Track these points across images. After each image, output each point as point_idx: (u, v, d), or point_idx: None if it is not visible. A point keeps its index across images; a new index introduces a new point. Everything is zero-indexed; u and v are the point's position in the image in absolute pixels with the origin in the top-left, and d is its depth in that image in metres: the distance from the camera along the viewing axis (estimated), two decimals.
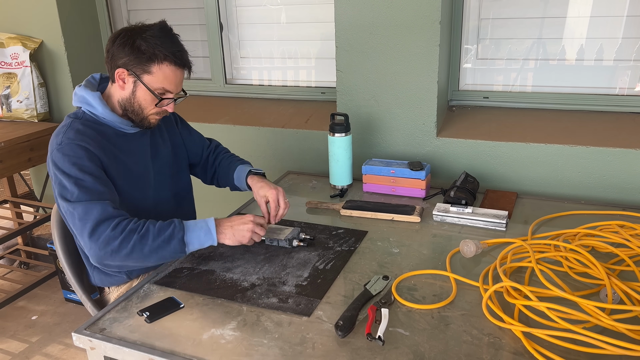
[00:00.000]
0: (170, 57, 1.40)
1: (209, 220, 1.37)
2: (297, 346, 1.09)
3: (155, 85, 1.42)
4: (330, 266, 1.39)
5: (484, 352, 1.05)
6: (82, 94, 1.46)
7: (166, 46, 1.39)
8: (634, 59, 1.92)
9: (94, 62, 2.79)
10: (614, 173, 1.80)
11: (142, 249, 1.29)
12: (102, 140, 1.43)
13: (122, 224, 1.30)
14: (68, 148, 1.36)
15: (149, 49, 1.38)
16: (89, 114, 1.46)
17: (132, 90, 1.43)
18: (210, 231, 1.36)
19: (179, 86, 1.48)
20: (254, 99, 2.57)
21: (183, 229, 1.34)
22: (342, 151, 1.88)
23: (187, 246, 1.33)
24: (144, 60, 1.39)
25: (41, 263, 3.02)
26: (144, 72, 1.40)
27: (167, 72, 1.41)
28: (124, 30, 1.42)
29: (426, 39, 1.87)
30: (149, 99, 1.44)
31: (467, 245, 1.40)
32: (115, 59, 1.41)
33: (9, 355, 2.36)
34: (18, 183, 3.22)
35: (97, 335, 1.15)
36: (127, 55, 1.39)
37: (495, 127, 2.00)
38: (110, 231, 1.29)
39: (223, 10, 2.52)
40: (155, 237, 1.31)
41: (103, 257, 1.30)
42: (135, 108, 1.45)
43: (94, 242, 1.29)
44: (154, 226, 1.32)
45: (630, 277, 1.28)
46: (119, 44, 1.40)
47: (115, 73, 1.42)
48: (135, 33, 1.39)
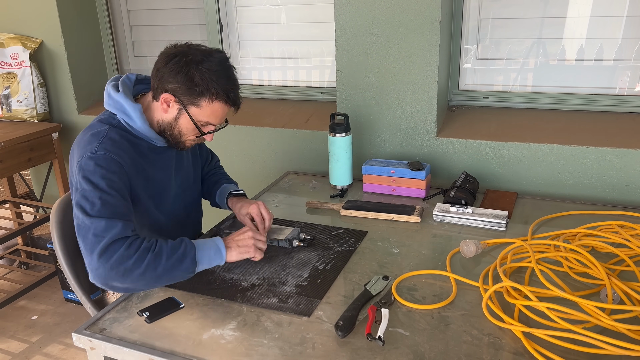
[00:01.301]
0: (222, 95, 1.35)
1: (217, 239, 1.35)
2: (297, 346, 1.09)
3: (201, 118, 1.38)
4: (330, 266, 1.39)
5: (484, 352, 1.05)
6: (120, 101, 1.38)
7: (221, 83, 1.34)
8: (634, 59, 1.92)
9: (94, 62, 2.80)
10: (614, 173, 1.80)
11: (156, 268, 1.24)
12: (134, 154, 1.39)
13: (136, 243, 1.24)
14: (103, 159, 1.30)
15: (203, 83, 1.32)
16: (124, 124, 1.40)
17: (175, 117, 1.38)
18: (220, 250, 1.33)
19: (223, 119, 1.44)
20: (254, 99, 2.57)
21: (194, 248, 1.30)
22: (342, 151, 1.88)
23: (197, 265, 1.29)
24: (195, 93, 1.33)
25: (41, 263, 3.03)
26: (192, 104, 1.35)
27: (216, 109, 1.37)
28: (179, 52, 1.34)
29: (426, 39, 1.87)
30: (191, 128, 1.40)
31: (467, 245, 1.40)
32: (164, 82, 1.35)
33: (9, 355, 2.36)
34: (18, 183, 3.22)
35: (97, 335, 1.15)
36: (178, 83, 1.33)
37: (495, 127, 2.00)
38: (124, 250, 1.22)
39: (223, 10, 2.52)
40: (169, 256, 1.25)
41: (111, 278, 1.22)
42: (175, 133, 1.41)
43: (105, 261, 1.21)
44: (167, 245, 1.27)
45: (630, 277, 1.28)
46: (172, 69, 1.33)
47: (161, 96, 1.36)
48: (192, 62, 1.32)
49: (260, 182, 2.35)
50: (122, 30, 2.82)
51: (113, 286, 1.24)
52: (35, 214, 2.97)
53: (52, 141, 2.67)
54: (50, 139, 2.66)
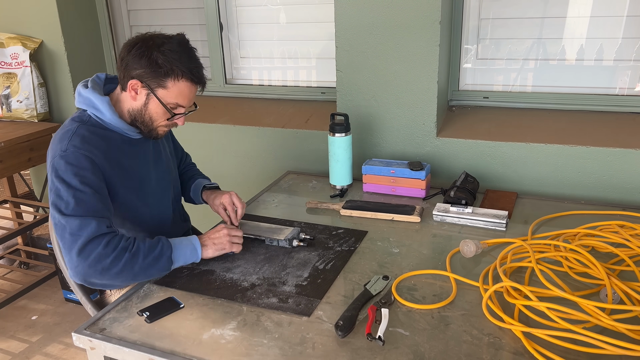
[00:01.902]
0: (187, 73, 1.37)
1: (193, 238, 1.41)
2: (297, 346, 1.09)
3: (169, 100, 1.40)
4: (330, 266, 1.39)
5: (484, 352, 1.05)
6: (88, 97, 1.41)
7: (184, 62, 1.37)
8: (634, 59, 1.92)
9: (94, 62, 2.80)
10: (614, 173, 1.80)
11: (133, 267, 1.29)
12: (107, 147, 1.40)
13: (114, 242, 1.28)
14: (73, 157, 1.32)
15: (166, 63, 1.35)
16: (95, 118, 1.42)
17: (144, 102, 1.40)
18: (196, 249, 1.39)
19: (192, 101, 1.46)
20: (254, 99, 2.57)
21: (171, 247, 1.35)
22: (342, 151, 1.88)
23: (173, 264, 1.35)
24: (161, 74, 1.36)
25: (41, 263, 3.03)
26: (158, 86, 1.38)
27: (182, 88, 1.39)
28: (140, 39, 1.37)
29: (426, 39, 1.87)
30: (161, 112, 1.41)
31: (467, 245, 1.40)
32: (129, 69, 1.37)
33: (9, 355, 2.36)
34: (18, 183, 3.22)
35: (97, 335, 1.15)
36: (142, 67, 1.35)
37: (495, 127, 2.00)
38: (102, 249, 1.26)
39: (223, 10, 2.52)
40: (145, 255, 1.30)
41: (90, 275, 1.27)
42: (146, 119, 1.43)
43: (83, 259, 1.25)
44: (144, 244, 1.32)
45: (630, 277, 1.28)
46: (135, 55, 1.35)
47: (128, 83, 1.38)
48: (153, 45, 1.35)
49: (260, 182, 2.35)
50: (122, 30, 2.82)
51: (92, 282, 1.30)
52: (35, 214, 2.97)
53: None
54: (50, 139, 2.65)
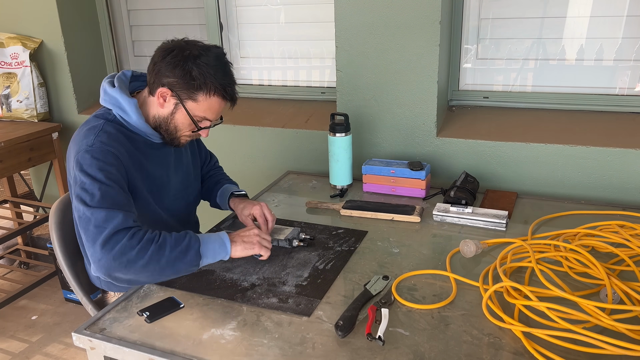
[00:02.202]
0: (220, 90, 1.35)
1: (222, 234, 1.34)
2: (297, 346, 1.09)
3: (198, 113, 1.37)
4: (330, 266, 1.39)
5: (484, 352, 1.05)
6: (115, 96, 1.39)
7: (218, 78, 1.34)
8: (634, 59, 1.92)
9: (94, 62, 2.80)
10: (614, 173, 1.80)
11: (159, 260, 1.23)
12: (131, 148, 1.39)
13: (139, 234, 1.24)
14: (99, 152, 1.30)
15: (200, 77, 1.32)
16: (120, 119, 1.40)
17: (171, 112, 1.38)
18: (225, 244, 1.32)
19: (219, 115, 1.44)
20: (254, 99, 2.57)
21: (199, 241, 1.29)
22: (342, 151, 1.88)
23: (202, 259, 1.29)
24: (193, 87, 1.33)
25: (41, 263, 3.03)
26: (189, 99, 1.35)
27: (212, 104, 1.37)
28: (177, 47, 1.34)
29: (426, 39, 1.87)
30: (187, 123, 1.39)
31: (467, 245, 1.40)
32: (160, 76, 1.34)
33: (9, 355, 2.36)
34: (18, 183, 3.22)
35: (97, 335, 1.15)
36: (175, 77, 1.33)
37: (495, 127, 2.00)
38: (127, 240, 1.21)
39: (223, 10, 2.52)
40: (172, 247, 1.25)
41: (115, 269, 1.21)
42: (170, 128, 1.41)
43: (107, 251, 1.20)
44: (171, 237, 1.27)
45: (630, 277, 1.28)
46: (170, 63, 1.33)
47: (157, 90, 1.36)
48: (189, 56, 1.32)
49: (260, 182, 2.35)
50: (122, 30, 2.82)
51: (116, 277, 1.23)
52: (35, 214, 2.97)
53: (52, 141, 2.67)
54: (50, 138, 2.66)
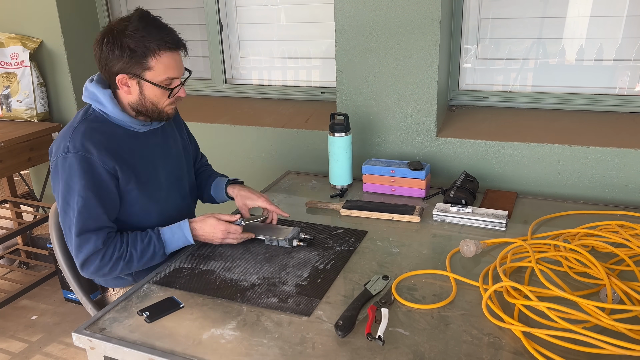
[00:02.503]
0: (162, 44, 1.34)
1: (185, 229, 1.45)
2: (297, 346, 1.09)
3: (160, 78, 1.37)
4: (330, 266, 1.39)
5: (484, 352, 1.05)
6: (92, 91, 1.41)
7: (153, 35, 1.33)
8: (634, 59, 1.92)
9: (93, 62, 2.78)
10: (614, 173, 1.80)
11: (131, 268, 1.41)
12: (109, 143, 1.39)
13: (109, 253, 1.37)
14: (74, 159, 1.33)
15: (139, 44, 1.32)
16: (99, 112, 1.42)
17: (139, 92, 1.39)
18: (188, 240, 1.46)
19: (182, 68, 1.42)
20: (254, 99, 2.57)
21: (163, 245, 1.43)
22: (342, 151, 1.88)
23: (167, 255, 1.46)
24: (139, 58, 1.33)
25: (41, 263, 3.03)
26: (144, 70, 1.35)
27: (166, 61, 1.36)
28: (105, 33, 1.35)
29: (426, 39, 1.87)
30: (159, 93, 1.40)
31: (467, 245, 1.40)
32: (109, 66, 1.36)
33: (9, 355, 2.36)
34: (18, 183, 3.22)
35: (97, 335, 1.15)
36: (120, 59, 1.33)
37: (495, 127, 2.00)
38: (99, 262, 1.37)
39: (223, 10, 2.52)
40: (139, 259, 1.40)
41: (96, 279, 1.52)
42: (149, 106, 1.42)
43: (86, 270, 1.38)
44: (135, 249, 1.40)
45: (630, 277, 1.28)
46: (107, 49, 1.34)
47: (116, 80, 1.37)
48: (118, 33, 1.32)
49: (260, 182, 2.35)
50: None
51: (98, 281, 1.53)
52: (35, 214, 2.97)
53: (52, 141, 2.67)
54: (50, 138, 2.66)
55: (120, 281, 1.55)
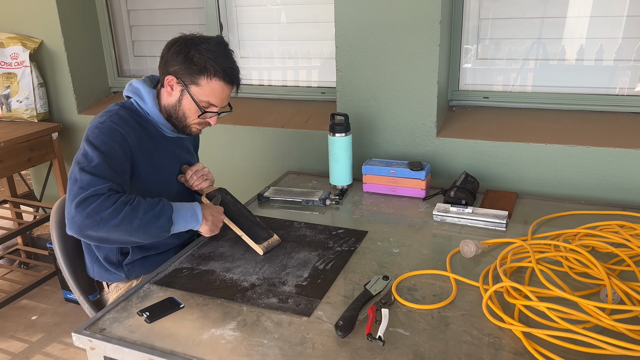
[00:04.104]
0: (220, 73, 1.42)
1: (195, 205, 1.44)
2: (297, 346, 1.09)
3: (201, 97, 1.45)
4: (330, 266, 1.39)
5: (484, 352, 1.05)
6: (137, 86, 1.50)
7: (219, 61, 1.42)
8: (634, 59, 1.92)
9: (94, 62, 2.80)
10: (614, 173, 1.80)
11: (132, 221, 1.30)
12: (141, 134, 1.47)
13: (115, 196, 1.31)
14: (108, 129, 1.39)
15: (201, 61, 1.40)
16: (137, 106, 1.50)
17: (178, 98, 1.46)
18: (197, 215, 1.42)
19: (225, 101, 1.50)
20: (254, 99, 2.57)
21: (172, 208, 1.38)
22: (342, 151, 1.88)
23: (173, 225, 1.37)
24: (195, 72, 1.41)
25: (41, 263, 3.03)
26: (192, 83, 1.43)
27: (214, 87, 1.44)
28: (181, 38, 1.44)
29: (426, 39, 1.87)
30: (193, 109, 1.47)
31: (467, 245, 1.40)
32: (167, 66, 1.44)
33: (9, 355, 2.36)
34: (18, 183, 3.22)
35: (97, 336, 1.15)
36: (179, 64, 1.42)
37: (495, 127, 2.00)
38: (102, 200, 1.28)
39: (223, 10, 2.52)
40: (146, 210, 1.32)
41: (87, 226, 1.27)
42: (179, 115, 1.49)
43: (81, 209, 1.26)
44: (145, 201, 1.34)
45: (630, 277, 1.28)
46: (174, 52, 1.42)
47: (165, 79, 1.45)
48: (191, 44, 1.42)
49: (260, 182, 2.35)
50: (122, 30, 2.82)
51: (88, 235, 1.29)
52: (35, 214, 2.97)
53: (52, 141, 2.67)
54: (50, 139, 2.66)
55: (113, 275, 1.56)
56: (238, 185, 2.36)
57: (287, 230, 1.60)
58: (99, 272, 1.57)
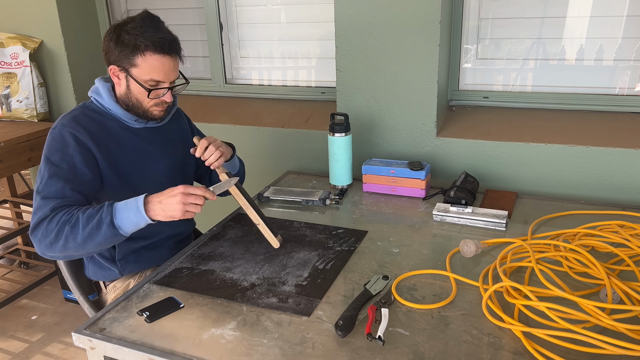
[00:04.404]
0: (151, 46, 1.37)
1: (139, 199, 1.29)
2: (297, 346, 1.09)
3: (144, 77, 1.40)
4: (330, 266, 1.39)
5: (484, 352, 1.05)
6: (96, 84, 1.49)
7: (147, 35, 1.37)
8: (634, 59, 1.92)
9: (93, 62, 2.79)
10: (614, 173, 1.80)
11: (75, 238, 1.28)
12: (97, 130, 1.44)
13: (57, 217, 1.29)
14: (58, 134, 1.39)
15: (131, 41, 1.37)
16: (96, 103, 1.49)
17: (126, 85, 1.44)
18: (139, 209, 1.27)
19: (171, 74, 1.43)
20: (254, 99, 2.57)
21: (111, 213, 1.28)
22: (342, 151, 1.88)
23: (120, 229, 1.28)
24: (129, 53, 1.38)
25: (41, 263, 3.02)
26: (131, 66, 1.40)
27: (152, 62, 1.38)
28: (112, 25, 1.42)
29: (426, 39, 1.87)
30: (142, 91, 1.43)
31: (467, 245, 1.40)
32: (107, 56, 1.42)
33: (9, 355, 2.36)
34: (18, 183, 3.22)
35: (97, 335, 1.15)
36: (114, 50, 1.40)
37: (495, 127, 2.00)
38: (46, 225, 1.29)
39: (223, 10, 2.52)
40: (84, 225, 1.27)
41: (44, 250, 1.31)
42: (133, 102, 1.46)
43: (35, 237, 1.31)
44: (83, 214, 1.28)
45: (630, 277, 1.28)
46: (108, 40, 1.41)
47: (109, 70, 1.44)
48: (119, 27, 1.39)
49: (260, 182, 2.35)
50: None
51: (51, 256, 1.34)
52: None
53: None
54: None
55: (108, 272, 1.55)
56: None
57: (287, 230, 1.60)
58: (94, 271, 1.57)
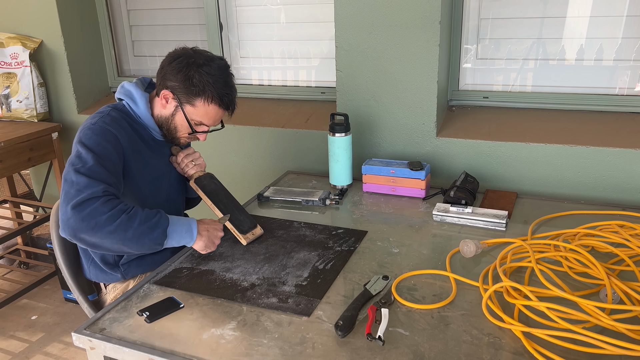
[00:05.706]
0: (217, 99, 1.44)
1: (192, 220, 1.44)
2: (297, 346, 1.09)
3: (195, 117, 1.47)
4: (330, 266, 1.39)
5: (483, 352, 1.05)
6: (129, 89, 1.50)
7: (218, 87, 1.42)
8: (634, 59, 1.92)
9: (94, 62, 2.80)
10: (614, 173, 1.80)
11: (127, 230, 1.29)
12: (132, 135, 1.47)
13: (113, 202, 1.31)
14: (100, 130, 1.39)
15: (200, 84, 1.41)
16: (129, 109, 1.50)
17: (172, 113, 1.48)
18: (191, 230, 1.41)
19: (217, 122, 1.52)
20: (254, 99, 2.57)
21: (168, 221, 1.38)
22: (342, 151, 1.88)
23: (167, 239, 1.36)
24: (192, 93, 1.42)
25: (41, 263, 3.03)
26: (187, 103, 1.44)
27: (209, 111, 1.46)
28: (184, 54, 1.43)
29: (426, 39, 1.87)
30: (185, 126, 1.49)
31: (467, 245, 1.40)
32: (165, 79, 1.44)
33: (9, 355, 2.36)
34: (18, 183, 3.22)
35: (97, 335, 1.15)
36: (178, 81, 1.42)
37: (495, 127, 2.00)
38: (99, 205, 1.27)
39: (223, 10, 2.52)
40: (142, 221, 1.32)
41: (82, 230, 1.26)
42: (170, 128, 1.50)
43: (77, 212, 1.26)
44: (142, 212, 1.34)
45: (630, 277, 1.28)
46: (175, 68, 1.42)
47: (161, 92, 1.46)
48: (193, 63, 1.41)
49: (260, 182, 2.35)
50: (122, 30, 2.82)
51: (81, 238, 1.28)
52: (35, 214, 2.97)
53: (52, 141, 2.67)
54: (50, 138, 2.66)
55: (109, 276, 1.56)
56: (238, 185, 2.36)
57: (287, 230, 1.60)
58: (95, 274, 1.57)
